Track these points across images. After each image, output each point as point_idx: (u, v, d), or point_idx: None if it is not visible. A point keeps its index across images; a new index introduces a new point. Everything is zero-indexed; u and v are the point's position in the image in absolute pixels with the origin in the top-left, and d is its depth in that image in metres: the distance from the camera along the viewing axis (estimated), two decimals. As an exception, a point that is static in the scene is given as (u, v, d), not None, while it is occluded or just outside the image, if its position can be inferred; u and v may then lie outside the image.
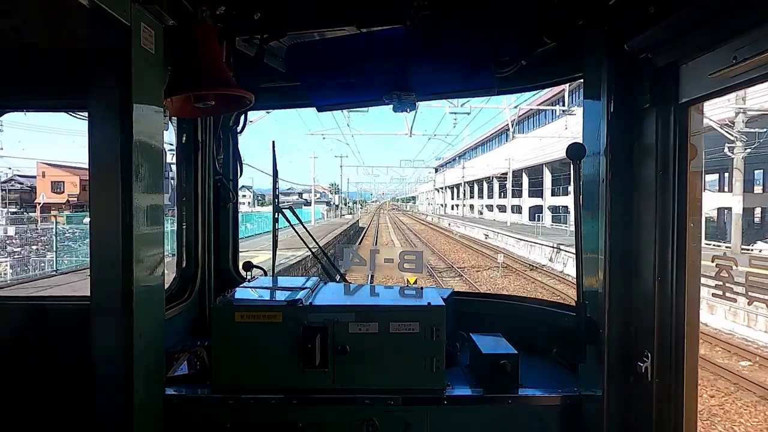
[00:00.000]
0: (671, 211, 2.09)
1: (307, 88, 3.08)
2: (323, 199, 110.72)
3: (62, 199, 57.78)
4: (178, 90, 2.65)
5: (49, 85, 3.15)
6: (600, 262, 2.26)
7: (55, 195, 59.30)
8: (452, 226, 68.52)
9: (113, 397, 2.26)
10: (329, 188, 68.60)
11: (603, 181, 2.23)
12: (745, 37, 1.67)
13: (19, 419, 3.04)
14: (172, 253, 3.64)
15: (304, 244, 3.65)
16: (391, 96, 2.88)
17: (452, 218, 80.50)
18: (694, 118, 2.08)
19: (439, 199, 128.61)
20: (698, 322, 2.15)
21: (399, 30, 2.67)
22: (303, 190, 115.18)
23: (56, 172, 60.31)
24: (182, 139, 3.38)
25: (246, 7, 2.69)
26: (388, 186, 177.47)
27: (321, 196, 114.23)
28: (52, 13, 2.63)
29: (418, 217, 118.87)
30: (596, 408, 2.30)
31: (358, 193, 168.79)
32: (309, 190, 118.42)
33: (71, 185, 59.93)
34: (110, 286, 2.25)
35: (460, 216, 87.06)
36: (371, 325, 2.48)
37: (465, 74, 2.86)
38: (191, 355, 2.81)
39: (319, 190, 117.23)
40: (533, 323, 3.15)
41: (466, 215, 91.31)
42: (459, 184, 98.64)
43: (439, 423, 2.51)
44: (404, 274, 2.95)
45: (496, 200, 75.04)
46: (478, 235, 49.95)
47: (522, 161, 54.38)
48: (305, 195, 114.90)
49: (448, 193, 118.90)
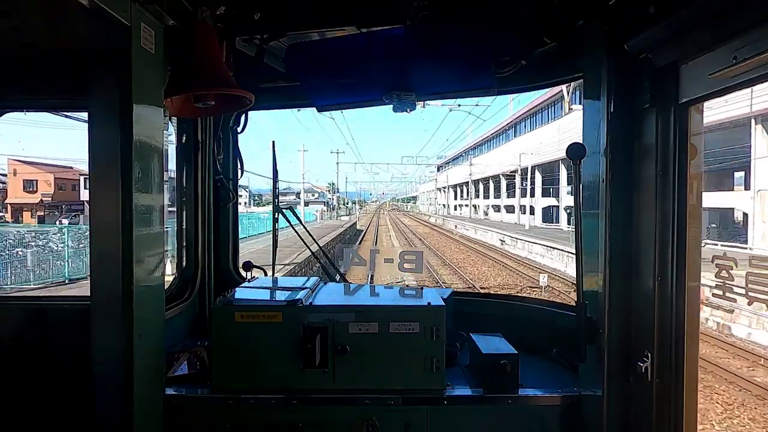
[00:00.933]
0: (671, 211, 2.09)
1: (307, 88, 3.08)
2: (321, 199, 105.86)
3: (35, 199, 54.31)
4: (178, 90, 2.65)
5: (49, 85, 3.15)
6: (600, 262, 2.26)
7: (28, 194, 54.79)
8: (460, 228, 61.07)
9: (113, 397, 2.26)
10: (327, 188, 64.68)
11: (603, 181, 2.23)
12: (745, 37, 1.67)
13: (20, 419, 3.04)
14: (172, 254, 3.64)
15: (304, 244, 3.65)
16: (391, 96, 2.88)
17: (458, 220, 72.52)
18: (694, 118, 2.08)
19: (442, 199, 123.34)
20: (698, 322, 2.15)
21: (399, 30, 2.67)
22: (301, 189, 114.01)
23: (28, 169, 54.97)
24: (182, 139, 3.38)
25: (246, 7, 2.69)
26: (389, 185, 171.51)
27: (319, 196, 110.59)
28: (52, 13, 2.62)
29: (420, 218, 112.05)
30: (596, 408, 2.30)
31: (357, 193, 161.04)
32: (307, 189, 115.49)
33: (45, 184, 55.31)
34: (110, 286, 2.25)
35: (466, 217, 79.80)
36: (371, 325, 2.48)
37: (465, 74, 2.86)
38: (191, 355, 2.81)
39: (318, 189, 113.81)
40: (533, 323, 3.15)
41: (470, 216, 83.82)
42: (465, 183, 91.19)
43: (439, 423, 2.51)
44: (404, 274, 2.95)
45: (504, 200, 69.64)
46: (493, 240, 43.79)
47: (540, 156, 49.49)
48: (303, 195, 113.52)
49: (451, 192, 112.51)
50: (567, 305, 3.12)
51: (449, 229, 67.06)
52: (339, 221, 69.74)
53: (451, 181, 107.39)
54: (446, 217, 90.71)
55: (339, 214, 79.70)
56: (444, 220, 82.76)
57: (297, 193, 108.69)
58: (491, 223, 62.58)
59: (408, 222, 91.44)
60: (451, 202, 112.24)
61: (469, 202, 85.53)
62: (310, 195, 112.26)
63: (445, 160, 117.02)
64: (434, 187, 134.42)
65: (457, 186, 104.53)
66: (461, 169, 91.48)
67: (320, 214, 75.77)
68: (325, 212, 78.66)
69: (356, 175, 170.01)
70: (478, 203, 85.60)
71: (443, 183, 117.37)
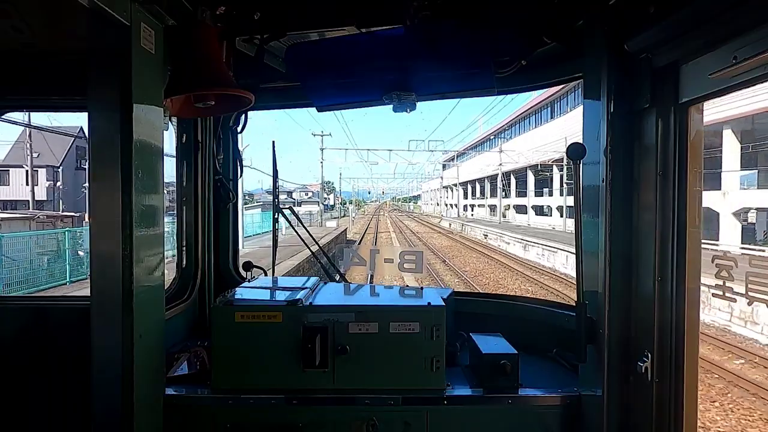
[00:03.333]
0: (671, 211, 2.09)
1: (307, 88, 3.08)
2: (315, 199, 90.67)
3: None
4: (178, 90, 2.65)
5: (49, 85, 3.15)
6: (600, 262, 2.26)
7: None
8: (495, 239, 41.68)
9: (113, 397, 2.26)
10: (321, 186, 59.56)
11: (603, 181, 2.23)
12: (745, 37, 1.66)
13: (19, 419, 3.04)
14: (172, 254, 3.64)
15: (304, 244, 3.65)
16: (391, 96, 2.88)
17: (484, 226, 50.46)
18: (694, 118, 2.08)
19: (451, 199, 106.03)
20: (698, 322, 2.15)
21: (399, 30, 2.67)
22: (295, 188, 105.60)
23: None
24: (182, 139, 3.38)
25: (246, 7, 2.69)
26: (390, 182, 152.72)
27: (313, 195, 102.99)
28: (52, 13, 2.63)
29: (428, 221, 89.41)
30: (596, 408, 2.30)
31: (353, 193, 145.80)
32: (302, 189, 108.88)
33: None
34: (110, 286, 2.25)
35: (489, 221, 60.70)
36: (371, 325, 2.48)
37: (465, 74, 2.86)
38: (191, 355, 2.81)
39: (313, 189, 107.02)
40: (533, 323, 3.15)
41: (483, 218, 68.18)
42: (478, 180, 77.28)
43: (439, 423, 2.51)
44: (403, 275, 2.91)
45: (531, 199, 54.92)
46: (564, 265, 26.06)
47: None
48: (295, 194, 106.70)
49: (461, 191, 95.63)
50: (567, 305, 3.12)
51: (477, 239, 45.88)
52: (325, 227, 46.92)
53: (461, 178, 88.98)
54: (466, 222, 63.44)
55: (324, 219, 52.96)
56: (463, 226, 59.90)
57: (289, 192, 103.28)
58: (530, 230, 43.10)
59: (416, 228, 67.95)
60: (461, 202, 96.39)
61: (498, 202, 60.43)
62: (303, 195, 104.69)
63: (450, 156, 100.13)
64: (439, 185, 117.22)
65: (468, 183, 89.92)
66: (474, 163, 76.44)
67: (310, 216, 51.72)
68: (314, 214, 55.98)
69: (353, 171, 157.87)
70: (493, 203, 65.86)
71: (451, 180, 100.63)
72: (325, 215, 59.43)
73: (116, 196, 2.21)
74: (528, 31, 2.71)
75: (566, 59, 2.76)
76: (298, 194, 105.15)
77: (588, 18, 2.38)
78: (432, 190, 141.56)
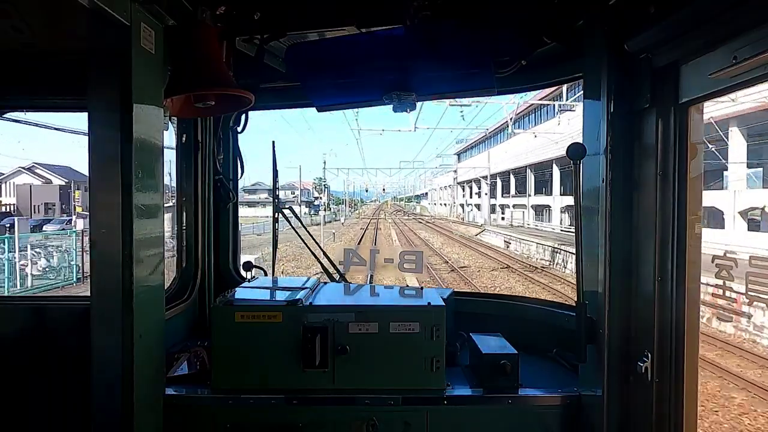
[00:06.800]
0: (671, 211, 2.09)
1: (307, 88, 3.08)
2: (307, 199, 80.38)
3: None
4: (178, 90, 2.65)
5: (49, 85, 3.15)
6: (600, 262, 2.26)
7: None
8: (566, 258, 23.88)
9: (113, 397, 2.26)
10: (314, 184, 52.25)
11: (603, 181, 2.23)
12: (745, 37, 1.66)
13: (19, 419, 3.04)
14: (172, 254, 3.64)
15: (304, 244, 3.65)
16: (391, 96, 2.88)
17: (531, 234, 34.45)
18: (694, 118, 2.08)
19: (469, 198, 79.84)
20: (698, 322, 2.15)
21: (399, 30, 2.67)
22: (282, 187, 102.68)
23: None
24: (182, 139, 3.38)
25: (246, 7, 2.69)
26: (390, 178, 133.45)
27: (304, 194, 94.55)
28: (52, 13, 2.63)
29: (443, 227, 59.25)
30: (596, 408, 2.30)
31: (345, 192, 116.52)
32: (289, 187, 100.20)
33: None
34: (110, 286, 2.25)
35: (539, 229, 41.28)
36: (371, 325, 2.48)
37: (465, 74, 2.86)
38: (191, 355, 2.81)
39: (307, 186, 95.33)
40: (533, 323, 3.15)
41: (499, 222, 52.48)
42: (508, 171, 54.16)
43: (439, 423, 2.51)
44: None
45: (557, 197, 39.72)
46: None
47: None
48: (282, 193, 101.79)
49: (480, 187, 68.06)
50: (567, 305, 3.12)
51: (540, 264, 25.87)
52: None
53: (491, 168, 59.50)
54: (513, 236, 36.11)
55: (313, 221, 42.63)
56: (514, 241, 34.79)
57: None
58: (555, 234, 31.83)
59: (428, 237, 43.53)
60: (470, 201, 74.49)
61: (510, 202, 46.27)
62: (289, 194, 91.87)
63: (468, 145, 78.69)
64: (453, 180, 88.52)
65: (497, 176, 61.65)
66: (506, 148, 52.77)
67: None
68: (307, 216, 50.41)
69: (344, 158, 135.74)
70: (506, 202, 52.03)
71: (467, 174, 75.26)
72: (308, 220, 48.87)
73: (116, 196, 2.21)
74: (528, 31, 2.71)
75: (566, 59, 2.76)
76: (285, 192, 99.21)
77: (588, 18, 2.38)
78: (442, 188, 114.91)
